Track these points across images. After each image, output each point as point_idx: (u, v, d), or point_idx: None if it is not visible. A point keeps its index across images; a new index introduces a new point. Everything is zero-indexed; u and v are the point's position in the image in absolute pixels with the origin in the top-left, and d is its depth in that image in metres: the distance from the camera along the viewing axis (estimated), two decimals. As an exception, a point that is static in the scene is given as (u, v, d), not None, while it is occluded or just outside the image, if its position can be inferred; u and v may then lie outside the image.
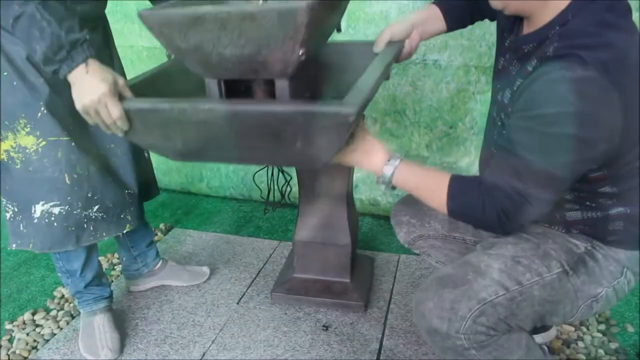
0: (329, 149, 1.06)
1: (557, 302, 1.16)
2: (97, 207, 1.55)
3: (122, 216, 1.62)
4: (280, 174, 2.05)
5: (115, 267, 2.18)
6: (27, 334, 1.80)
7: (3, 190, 1.51)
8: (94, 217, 1.55)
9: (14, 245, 1.54)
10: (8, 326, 1.85)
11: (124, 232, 1.64)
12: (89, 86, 1.14)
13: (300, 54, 1.06)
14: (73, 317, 1.87)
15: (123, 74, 1.60)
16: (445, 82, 2.22)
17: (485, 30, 2.07)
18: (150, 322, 1.83)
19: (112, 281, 2.07)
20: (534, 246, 1.18)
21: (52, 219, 1.49)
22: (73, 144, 1.46)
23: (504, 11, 1.13)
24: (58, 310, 1.93)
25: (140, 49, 2.60)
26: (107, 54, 1.57)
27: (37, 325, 1.85)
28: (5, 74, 1.37)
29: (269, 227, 2.51)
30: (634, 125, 1.02)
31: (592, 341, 1.71)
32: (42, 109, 1.40)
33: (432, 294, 1.16)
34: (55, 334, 1.79)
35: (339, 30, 1.42)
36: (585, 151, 0.99)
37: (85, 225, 1.54)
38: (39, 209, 1.48)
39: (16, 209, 1.51)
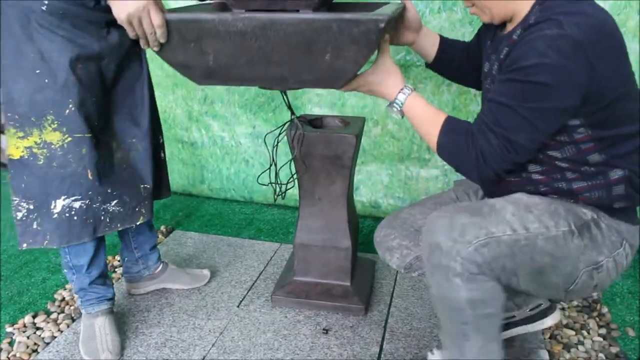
0: (355, 61, 1.16)
1: (558, 259, 1.20)
2: (115, 201, 1.60)
3: (137, 209, 1.66)
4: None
5: (116, 270, 2.18)
6: (28, 337, 1.79)
7: (17, 189, 1.51)
8: (111, 210, 1.60)
9: (24, 245, 1.54)
10: (8, 329, 1.85)
11: (137, 224, 1.68)
12: None
13: None
14: (74, 320, 1.87)
15: (149, 74, 1.66)
16: (447, 84, 2.22)
17: (487, 33, 2.07)
18: (150, 325, 1.83)
19: (113, 284, 2.07)
20: (546, 203, 1.24)
21: (72, 213, 1.53)
22: (95, 140, 1.51)
23: (492, 22, 1.27)
24: (59, 313, 1.93)
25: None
26: (136, 53, 1.60)
27: (37, 328, 1.85)
28: (37, 71, 1.41)
29: (269, 230, 2.51)
30: (608, 85, 1.11)
31: (593, 345, 1.71)
32: (71, 106, 1.44)
33: (447, 214, 1.23)
34: (55, 337, 1.79)
35: None
36: (559, 100, 1.10)
37: (102, 218, 1.59)
38: (59, 203, 1.51)
39: (31, 207, 1.52)
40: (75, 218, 1.54)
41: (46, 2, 1.36)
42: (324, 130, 1.77)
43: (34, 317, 1.91)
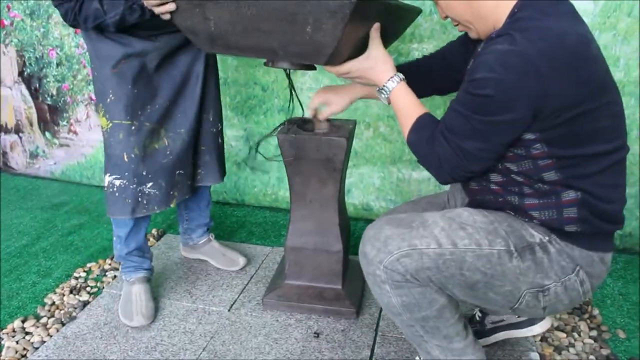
0: (333, 35, 1.22)
1: (492, 276, 1.21)
2: (150, 184, 1.78)
3: (170, 193, 1.84)
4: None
5: (107, 274, 2.17)
6: (17, 342, 1.78)
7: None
8: (147, 192, 1.78)
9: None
10: (-2, 334, 1.84)
11: (171, 205, 1.86)
12: None
13: None
14: (63, 325, 1.86)
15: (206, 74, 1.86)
16: (438, 87, 2.22)
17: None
18: (140, 329, 1.82)
19: (103, 287, 2.06)
20: (487, 221, 1.25)
21: (114, 189, 1.76)
22: (133, 127, 1.70)
23: (480, 38, 1.28)
24: (48, 318, 1.91)
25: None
26: (193, 55, 1.80)
27: (26, 333, 1.83)
28: (92, 66, 1.70)
29: (261, 232, 2.51)
30: (568, 100, 1.09)
31: (584, 347, 1.71)
32: (111, 95, 1.67)
33: (378, 225, 1.29)
34: (45, 342, 1.77)
35: None
36: (505, 113, 1.10)
37: (139, 199, 1.78)
38: (106, 179, 1.76)
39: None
40: (117, 195, 1.75)
41: None
42: (315, 133, 1.77)
43: (23, 321, 1.89)
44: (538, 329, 1.61)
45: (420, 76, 1.53)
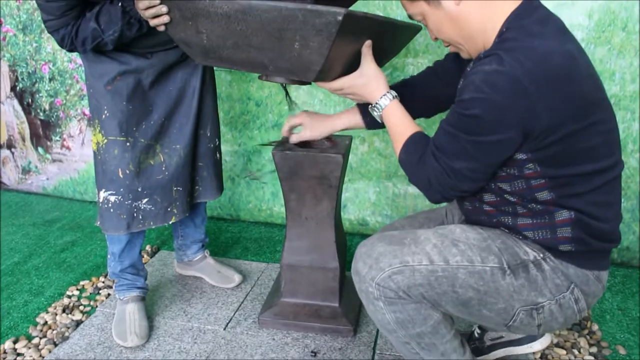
0: (320, 53, 1.22)
1: (485, 293, 1.20)
2: (146, 199, 1.77)
3: (169, 210, 1.82)
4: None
5: (100, 292, 2.14)
6: (8, 364, 1.75)
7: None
8: (142, 207, 1.77)
9: (97, 223, 1.83)
10: (-12, 355, 1.80)
11: (170, 222, 1.84)
12: None
13: None
14: (56, 345, 1.82)
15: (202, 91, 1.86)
16: (433, 101, 2.21)
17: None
18: (135, 349, 1.79)
19: (97, 306, 2.03)
20: (480, 238, 1.25)
21: (109, 205, 1.74)
22: (128, 144, 1.70)
23: (471, 58, 1.27)
24: (40, 338, 1.88)
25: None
26: (189, 71, 1.80)
27: (18, 354, 1.80)
28: (88, 82, 1.71)
29: (256, 248, 2.48)
30: (558, 120, 1.08)
31: (584, 365, 1.70)
32: (106, 112, 1.67)
33: (370, 242, 1.29)
34: (36, 363, 1.75)
35: None
36: (493, 134, 1.10)
37: (135, 215, 1.76)
38: (101, 195, 1.75)
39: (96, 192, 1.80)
40: (112, 210, 1.74)
41: None
42: (311, 149, 1.75)
43: (14, 342, 1.85)
44: (538, 345, 1.60)
45: (415, 96, 1.52)
